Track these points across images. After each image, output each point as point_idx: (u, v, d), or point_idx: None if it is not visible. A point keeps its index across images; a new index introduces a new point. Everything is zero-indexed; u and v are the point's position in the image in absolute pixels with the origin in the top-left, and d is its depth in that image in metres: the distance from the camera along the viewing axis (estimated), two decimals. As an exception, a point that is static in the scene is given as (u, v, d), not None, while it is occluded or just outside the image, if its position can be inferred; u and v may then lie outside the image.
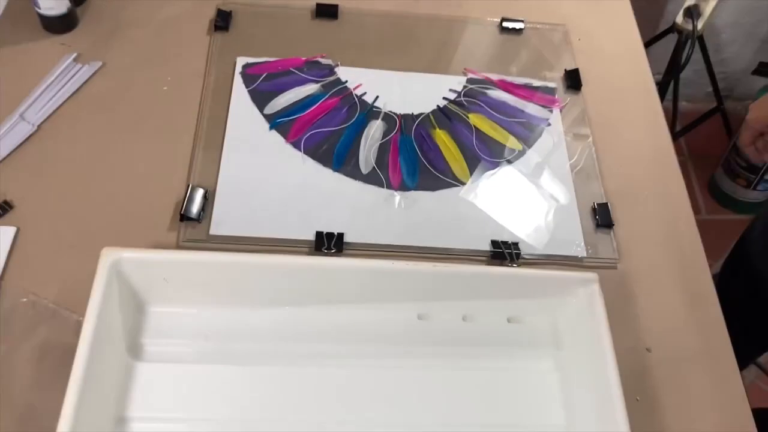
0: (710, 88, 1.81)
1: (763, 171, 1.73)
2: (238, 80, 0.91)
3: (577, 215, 0.85)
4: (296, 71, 0.93)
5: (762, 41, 1.88)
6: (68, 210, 0.78)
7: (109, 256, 0.65)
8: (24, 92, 0.85)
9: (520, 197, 0.86)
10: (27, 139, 0.82)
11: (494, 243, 0.81)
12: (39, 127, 0.83)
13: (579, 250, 0.82)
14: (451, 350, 0.72)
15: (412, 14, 1.02)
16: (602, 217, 0.85)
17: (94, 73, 0.89)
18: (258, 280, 0.69)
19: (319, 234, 0.79)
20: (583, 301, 0.70)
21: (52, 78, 0.87)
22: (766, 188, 1.79)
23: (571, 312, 0.71)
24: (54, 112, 0.85)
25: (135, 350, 0.68)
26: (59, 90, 0.86)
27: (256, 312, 0.70)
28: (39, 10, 0.90)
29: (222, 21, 0.96)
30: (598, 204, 0.86)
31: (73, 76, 0.88)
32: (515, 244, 0.81)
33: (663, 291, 0.81)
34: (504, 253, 0.80)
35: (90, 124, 0.85)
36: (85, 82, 0.88)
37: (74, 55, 0.90)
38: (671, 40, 1.63)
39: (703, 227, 0.86)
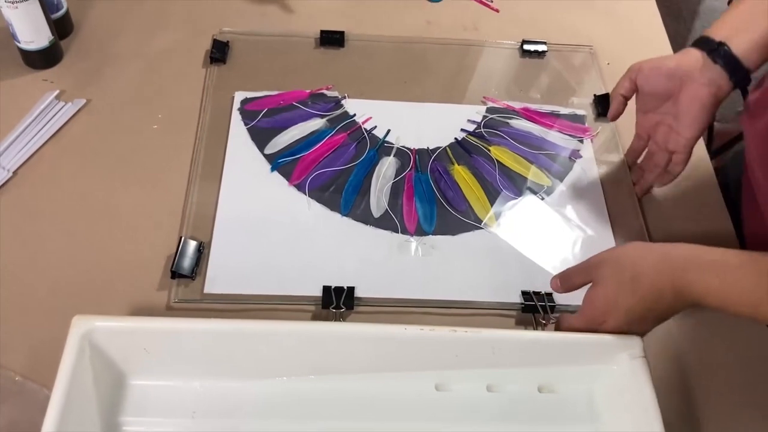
0: (741, 107, 1.71)
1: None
2: (236, 117, 0.83)
3: (617, 259, 0.75)
4: (299, 105, 0.85)
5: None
6: (43, 267, 0.70)
7: (80, 326, 0.56)
8: (2, 133, 0.78)
9: (552, 239, 0.77)
10: (1, 187, 0.74)
11: (525, 294, 0.71)
12: (15, 173, 0.76)
13: (621, 299, 0.72)
14: (474, 426, 0.62)
15: (424, 39, 0.94)
16: (645, 261, 0.75)
17: (78, 111, 0.81)
18: (252, 349, 0.60)
19: (326, 289, 0.70)
20: (624, 369, 0.61)
21: (31, 118, 0.79)
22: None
23: (610, 380, 0.62)
24: (32, 155, 0.77)
25: (112, 431, 0.59)
26: (39, 131, 0.79)
27: (250, 384, 0.61)
28: (19, 45, 0.82)
29: (218, 53, 0.88)
30: (639, 245, 0.76)
31: (54, 115, 0.80)
32: (549, 295, 0.72)
33: (714, 342, 0.71)
34: (536, 305, 0.70)
35: (71, 169, 0.77)
36: (68, 122, 0.80)
37: (56, 93, 0.82)
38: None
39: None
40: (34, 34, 0.81)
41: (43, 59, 0.84)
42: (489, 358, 0.61)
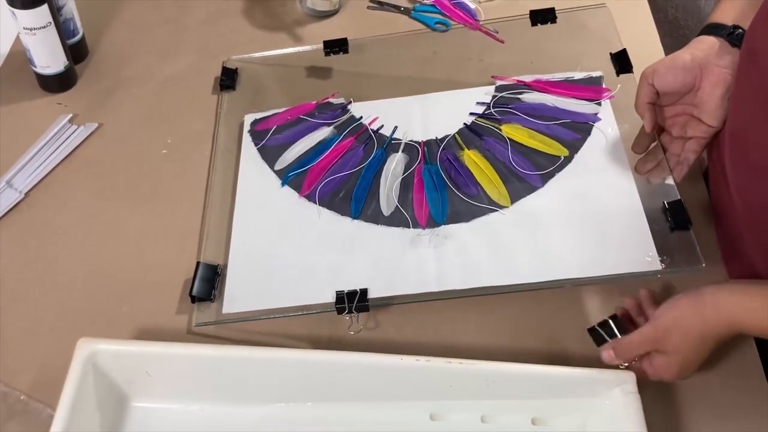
0: None
1: None
2: (246, 139, 0.85)
3: (645, 221, 0.70)
4: (307, 117, 0.85)
5: None
6: (54, 288, 0.72)
7: (84, 349, 0.60)
8: (16, 155, 0.82)
9: (572, 212, 0.72)
10: (12, 208, 0.78)
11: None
12: (27, 194, 0.79)
13: (652, 262, 0.67)
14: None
15: (426, 30, 0.92)
16: (676, 218, 0.69)
17: (90, 135, 0.84)
18: (250, 376, 0.62)
19: (339, 295, 0.69)
20: (617, 403, 0.59)
21: (45, 141, 0.83)
22: None
23: (603, 414, 0.60)
24: (44, 177, 0.81)
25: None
26: (52, 154, 0.82)
27: (249, 410, 0.63)
28: (35, 69, 0.87)
29: (228, 80, 0.90)
30: (669, 202, 0.70)
31: (66, 138, 0.83)
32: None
33: (709, 379, 0.64)
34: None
35: (82, 191, 0.80)
36: (80, 145, 0.83)
37: (69, 116, 0.85)
38: None
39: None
40: (50, 59, 0.85)
41: (58, 83, 0.89)
42: (483, 390, 0.61)
